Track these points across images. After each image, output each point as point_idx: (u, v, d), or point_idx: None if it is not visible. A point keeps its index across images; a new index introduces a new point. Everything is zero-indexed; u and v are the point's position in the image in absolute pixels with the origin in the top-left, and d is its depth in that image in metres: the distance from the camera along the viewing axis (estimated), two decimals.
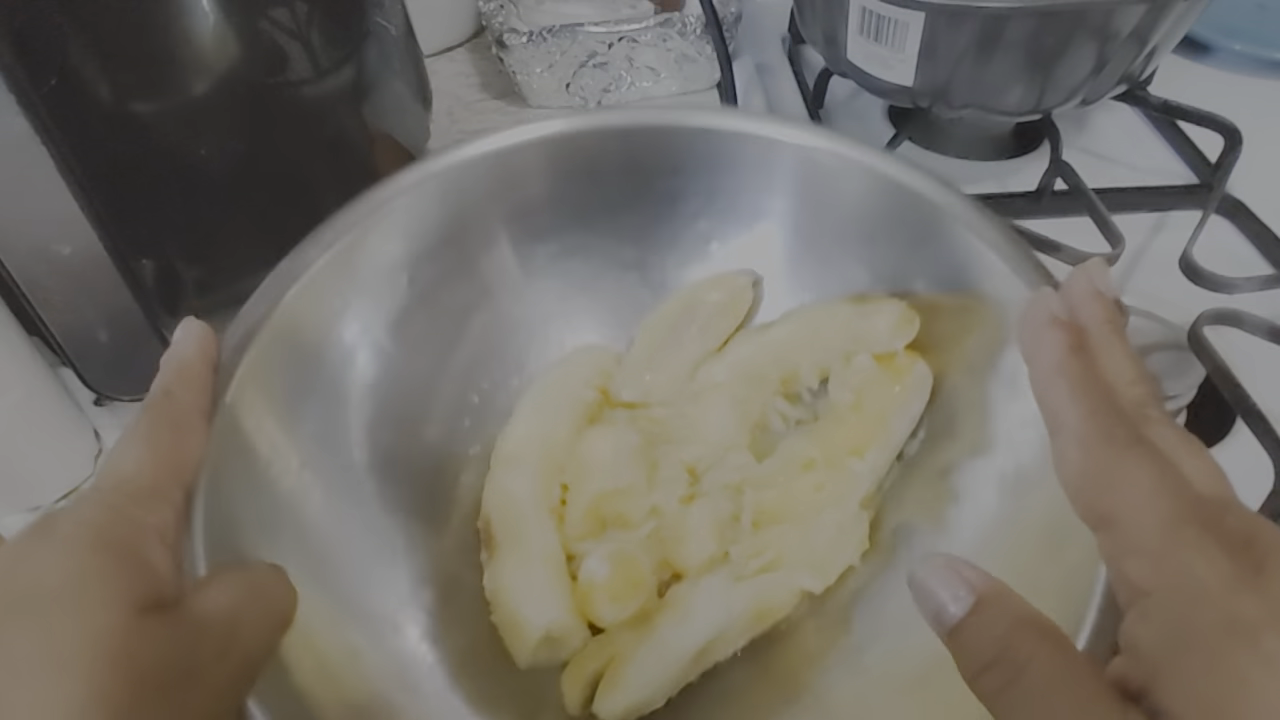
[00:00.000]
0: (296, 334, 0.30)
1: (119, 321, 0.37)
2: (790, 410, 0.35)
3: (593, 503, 0.32)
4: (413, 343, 0.33)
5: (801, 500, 0.31)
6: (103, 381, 0.38)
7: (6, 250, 0.33)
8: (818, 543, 0.30)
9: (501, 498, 0.33)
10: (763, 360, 0.35)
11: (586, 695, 0.29)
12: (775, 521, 0.32)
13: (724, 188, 0.35)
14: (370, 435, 0.32)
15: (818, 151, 0.33)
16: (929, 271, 0.32)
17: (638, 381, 0.36)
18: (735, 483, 0.33)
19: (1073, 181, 0.48)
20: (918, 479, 0.32)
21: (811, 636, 0.30)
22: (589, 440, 0.34)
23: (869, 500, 0.32)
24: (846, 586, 0.30)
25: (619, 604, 0.30)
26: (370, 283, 0.32)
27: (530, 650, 0.29)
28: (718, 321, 0.36)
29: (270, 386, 0.28)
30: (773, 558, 0.31)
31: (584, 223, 0.36)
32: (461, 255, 0.35)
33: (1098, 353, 0.22)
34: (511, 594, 0.31)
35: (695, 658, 0.29)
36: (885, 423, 0.32)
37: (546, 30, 0.58)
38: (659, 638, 0.29)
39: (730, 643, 0.30)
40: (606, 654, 0.29)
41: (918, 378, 0.32)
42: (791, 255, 0.36)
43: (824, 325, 0.34)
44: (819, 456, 0.32)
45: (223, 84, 0.38)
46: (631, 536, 0.32)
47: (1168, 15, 0.43)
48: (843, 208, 0.34)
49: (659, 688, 0.29)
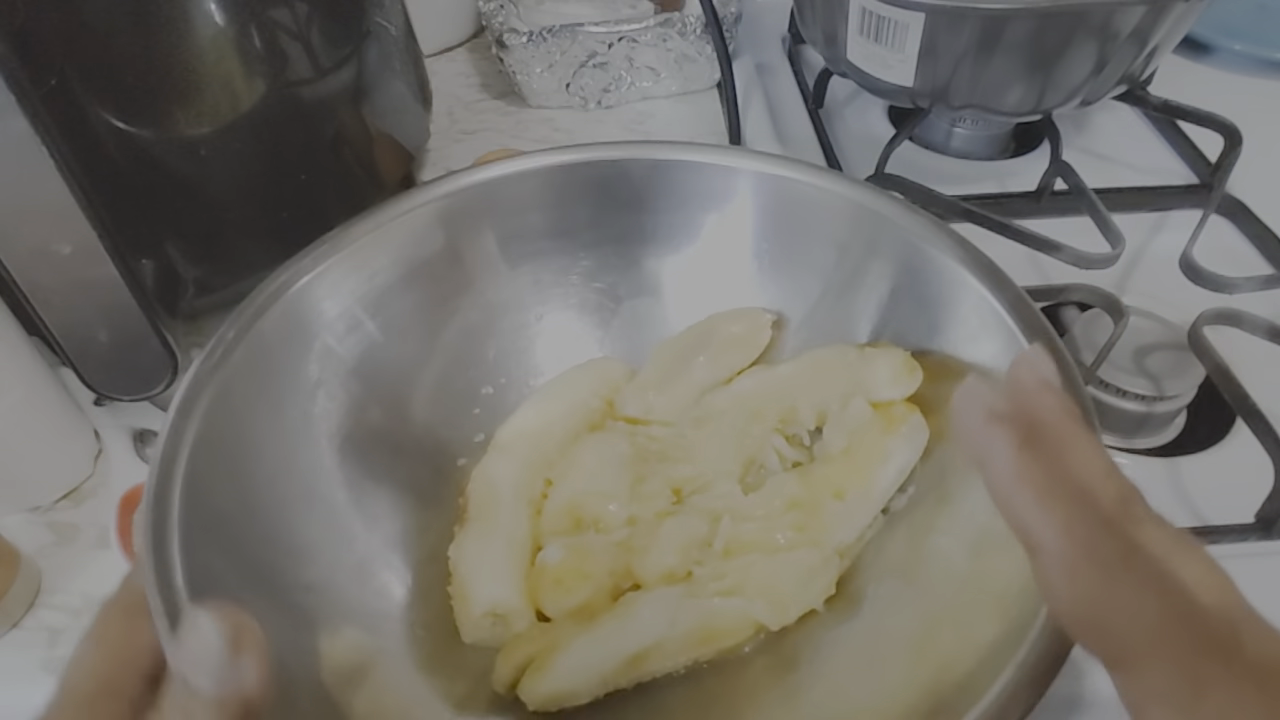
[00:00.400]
0: (288, 327, 0.31)
1: (119, 321, 0.37)
2: (788, 450, 0.34)
3: (571, 501, 0.33)
4: (411, 334, 0.35)
5: (778, 537, 0.31)
6: (103, 381, 0.38)
7: (6, 250, 0.33)
8: (783, 579, 0.30)
9: (485, 478, 0.34)
10: (764, 396, 0.35)
11: (516, 677, 0.29)
12: (747, 552, 0.31)
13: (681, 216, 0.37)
14: (357, 414, 0.33)
15: (769, 178, 0.36)
16: (890, 283, 0.34)
17: (642, 399, 0.36)
18: (716, 509, 0.33)
19: (1073, 181, 0.48)
20: (899, 534, 0.31)
21: (759, 674, 0.29)
22: (581, 443, 0.35)
23: (846, 549, 0.31)
24: (804, 629, 0.30)
25: (564, 591, 0.31)
26: (368, 290, 0.34)
27: (473, 624, 0.30)
28: (729, 353, 0.36)
29: (261, 371, 0.30)
30: (733, 584, 0.30)
31: (567, 245, 0.38)
32: (462, 272, 0.37)
33: (1061, 450, 0.19)
34: (467, 567, 0.31)
35: (629, 661, 0.29)
36: (871, 470, 0.31)
37: (546, 30, 0.58)
38: (596, 634, 0.29)
39: (669, 656, 0.29)
40: (545, 641, 0.30)
41: (912, 431, 0.32)
42: (749, 275, 0.38)
43: (827, 367, 0.34)
44: (804, 498, 0.32)
45: (223, 84, 0.38)
46: (601, 540, 0.32)
47: (1168, 15, 0.43)
48: (797, 228, 0.36)
49: (585, 682, 0.28)
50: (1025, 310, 0.29)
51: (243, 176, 0.41)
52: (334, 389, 0.32)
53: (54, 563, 0.38)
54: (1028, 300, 0.29)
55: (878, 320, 0.35)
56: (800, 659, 0.29)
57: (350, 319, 0.33)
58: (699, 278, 0.38)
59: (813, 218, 0.36)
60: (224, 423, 0.28)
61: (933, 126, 0.57)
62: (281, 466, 0.30)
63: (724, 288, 0.38)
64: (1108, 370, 0.39)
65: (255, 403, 0.29)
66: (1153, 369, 0.40)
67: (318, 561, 0.29)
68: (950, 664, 0.24)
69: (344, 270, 0.33)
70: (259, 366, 0.30)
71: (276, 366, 0.31)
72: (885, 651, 0.27)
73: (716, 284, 0.38)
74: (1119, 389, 0.39)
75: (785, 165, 0.36)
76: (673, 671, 0.29)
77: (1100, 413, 0.40)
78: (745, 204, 0.37)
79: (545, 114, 0.63)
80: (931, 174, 0.52)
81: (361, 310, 0.33)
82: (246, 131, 0.40)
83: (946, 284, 0.31)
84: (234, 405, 0.28)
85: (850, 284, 0.35)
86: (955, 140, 0.56)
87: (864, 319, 0.35)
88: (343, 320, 0.33)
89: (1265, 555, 0.35)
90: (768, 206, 0.36)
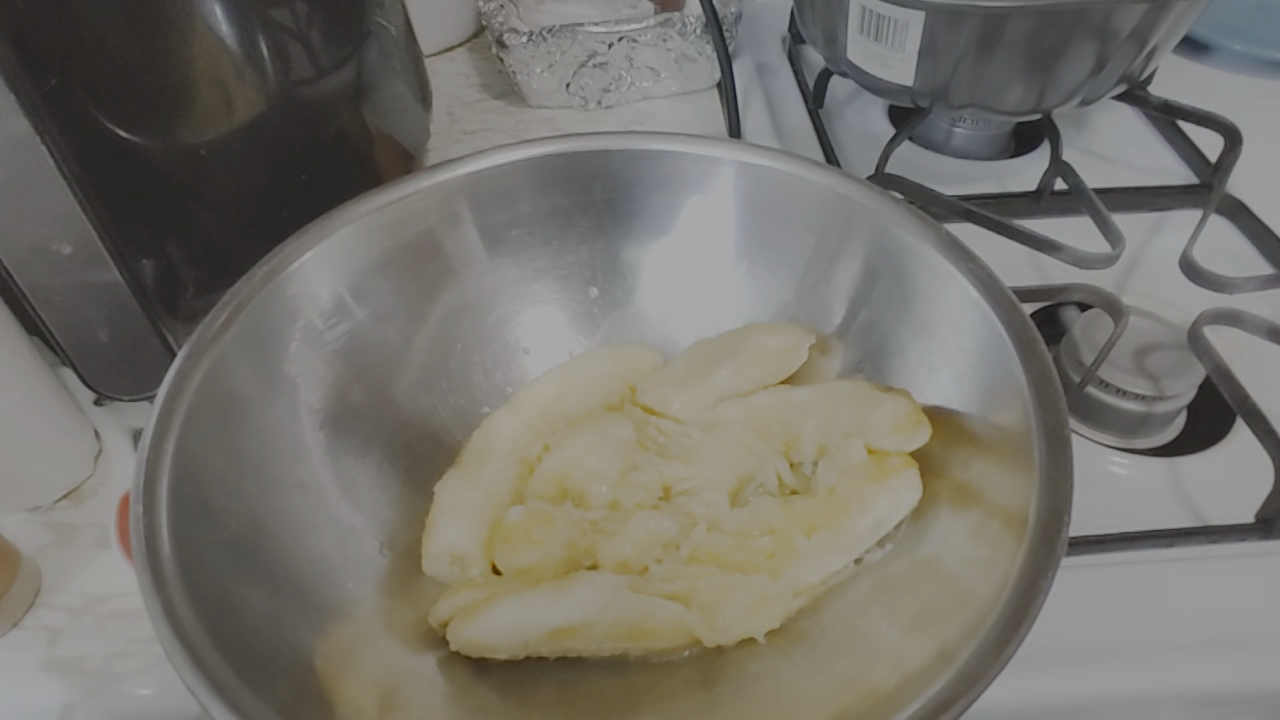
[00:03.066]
0: (275, 312, 0.32)
1: (119, 321, 0.37)
2: (788, 476, 0.34)
3: (559, 470, 0.34)
4: (397, 319, 0.37)
5: (744, 559, 0.31)
6: (103, 381, 0.38)
7: (6, 250, 0.33)
8: (732, 600, 0.30)
9: (487, 430, 0.36)
10: (775, 416, 0.35)
11: (450, 617, 0.30)
12: (709, 564, 0.31)
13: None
14: (340, 393, 0.34)
15: (744, 166, 0.37)
16: (864, 266, 0.35)
17: (661, 392, 0.37)
18: (697, 515, 0.33)
19: (1073, 181, 0.48)
20: (864, 587, 0.30)
21: (681, 683, 0.29)
22: (590, 419, 0.36)
23: (806, 589, 0.30)
24: (738, 653, 0.30)
25: (510, 550, 0.32)
26: (352, 276, 0.35)
27: (430, 557, 0.32)
28: (756, 366, 0.36)
29: (249, 353, 0.31)
30: (679, 590, 0.30)
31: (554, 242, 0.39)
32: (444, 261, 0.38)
33: None
34: (441, 506, 0.33)
35: (553, 633, 0.29)
36: (846, 515, 0.31)
37: (546, 30, 0.58)
38: (529, 599, 0.30)
39: (594, 640, 0.30)
40: (485, 592, 0.31)
41: (900, 485, 0.31)
42: (729, 261, 0.38)
43: (839, 401, 0.34)
44: (781, 527, 0.32)
45: (223, 84, 0.38)
46: (574, 514, 0.33)
47: (1168, 15, 0.43)
48: (773, 215, 0.37)
49: (506, 640, 0.29)
50: (993, 286, 0.31)
51: (243, 176, 0.41)
52: (320, 369, 0.33)
53: (54, 563, 0.38)
54: (996, 277, 0.31)
55: (853, 303, 0.36)
56: (723, 678, 0.29)
57: (337, 304, 0.34)
58: (679, 266, 0.39)
59: (791, 205, 0.36)
60: (213, 402, 0.29)
61: (933, 126, 0.56)
62: (269, 439, 0.31)
63: (704, 276, 0.38)
64: (1108, 370, 0.39)
65: (244, 382, 0.31)
66: (1153, 369, 0.40)
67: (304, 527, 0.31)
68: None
69: (330, 257, 0.34)
70: (247, 349, 0.31)
71: (264, 349, 0.32)
72: (797, 701, 0.27)
73: (697, 272, 0.39)
74: (1119, 389, 0.39)
75: (762, 154, 0.37)
76: (598, 655, 0.30)
77: (1100, 413, 0.40)
78: (725, 192, 0.37)
79: (545, 114, 0.63)
80: (931, 174, 0.52)
81: (348, 295, 0.34)
82: (246, 131, 0.40)
83: (915, 262, 0.33)
84: (223, 385, 0.30)
85: (828, 270, 0.36)
86: (955, 140, 0.56)
87: (840, 301, 0.36)
88: (330, 304, 0.34)
89: (1265, 555, 0.35)
90: (747, 194, 0.37)
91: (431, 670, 0.30)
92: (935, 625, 0.26)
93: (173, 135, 0.38)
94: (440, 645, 0.30)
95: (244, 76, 0.39)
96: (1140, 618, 0.34)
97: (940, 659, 0.24)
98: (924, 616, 0.27)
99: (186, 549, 0.25)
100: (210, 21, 0.36)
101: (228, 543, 0.27)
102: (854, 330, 0.36)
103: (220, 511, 0.28)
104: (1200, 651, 0.33)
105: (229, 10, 0.37)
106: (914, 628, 0.27)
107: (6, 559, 0.35)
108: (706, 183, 0.37)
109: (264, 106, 0.40)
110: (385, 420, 0.35)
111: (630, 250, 0.39)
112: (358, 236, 0.35)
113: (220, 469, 0.29)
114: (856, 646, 0.28)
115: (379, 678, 0.28)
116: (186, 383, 0.29)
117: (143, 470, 0.26)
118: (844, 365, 0.36)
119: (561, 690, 0.29)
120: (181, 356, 0.29)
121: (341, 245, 0.34)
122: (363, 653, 0.28)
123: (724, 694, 0.28)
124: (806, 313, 0.37)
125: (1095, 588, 0.34)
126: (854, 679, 0.26)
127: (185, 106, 0.38)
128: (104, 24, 0.34)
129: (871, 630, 0.28)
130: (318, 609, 0.29)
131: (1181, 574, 0.35)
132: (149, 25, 0.35)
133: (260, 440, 0.31)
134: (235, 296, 0.31)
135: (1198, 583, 0.35)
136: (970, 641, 0.23)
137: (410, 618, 0.31)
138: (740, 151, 0.37)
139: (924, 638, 0.26)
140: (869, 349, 0.36)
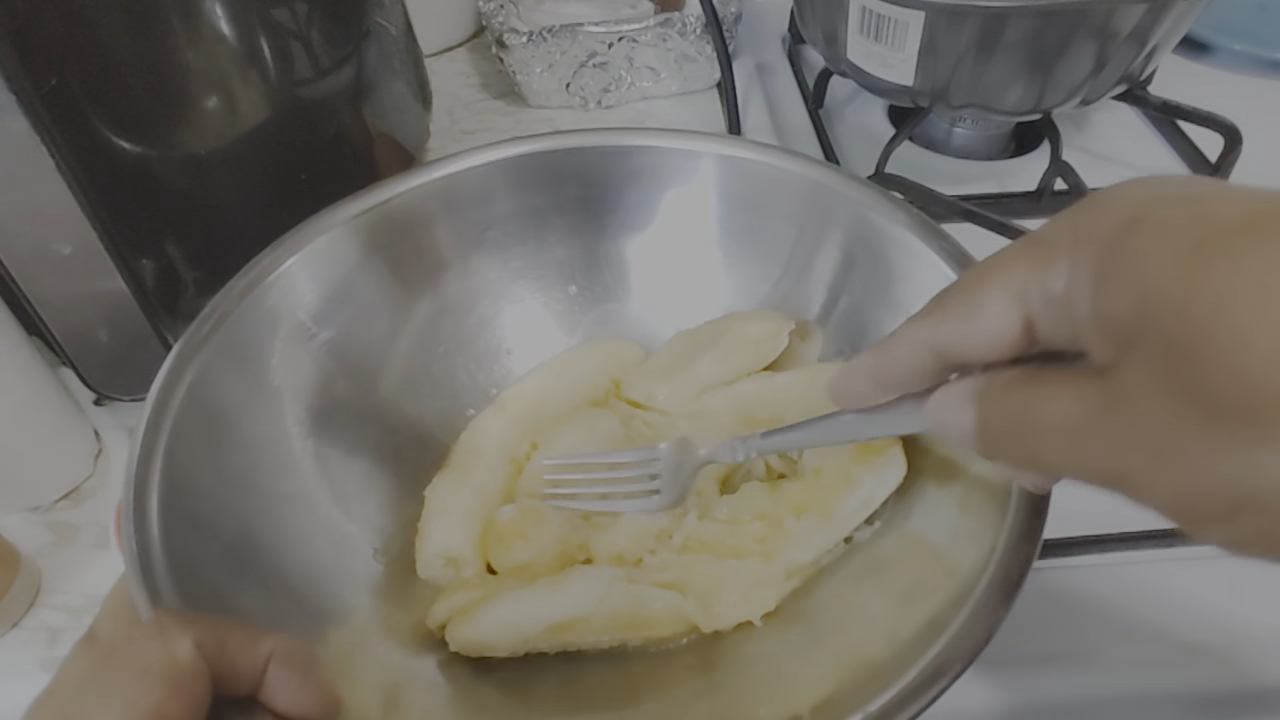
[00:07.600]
0: (264, 312, 0.33)
1: (119, 321, 0.37)
2: (776, 461, 0.34)
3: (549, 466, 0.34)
4: (381, 320, 0.37)
5: (737, 544, 0.31)
6: (103, 381, 0.38)
7: (6, 250, 0.34)
8: (727, 585, 0.30)
9: (474, 431, 0.36)
10: (758, 402, 0.35)
11: (448, 618, 0.30)
12: (703, 551, 0.32)
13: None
14: (328, 389, 0.34)
15: (716, 158, 0.37)
16: (843, 251, 0.36)
17: (645, 384, 0.37)
18: (687, 504, 0.33)
19: (1073, 181, 0.48)
20: (855, 565, 0.31)
21: (679, 670, 0.30)
22: (576, 414, 0.36)
23: (799, 569, 0.31)
24: (736, 637, 0.30)
25: (505, 549, 0.32)
26: (338, 277, 0.35)
27: (425, 561, 0.32)
28: (739, 354, 0.36)
29: (238, 354, 0.31)
30: (675, 579, 0.31)
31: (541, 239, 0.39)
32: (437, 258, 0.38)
33: None
34: (433, 509, 0.33)
35: (551, 628, 0.29)
36: (834, 495, 0.31)
37: (546, 30, 0.58)
38: (526, 596, 0.30)
39: (593, 632, 0.30)
40: (482, 591, 0.31)
41: (886, 464, 0.31)
42: (712, 250, 0.39)
43: (822, 384, 0.34)
44: (771, 511, 0.32)
45: (223, 84, 0.38)
46: (566, 510, 0.33)
47: (1168, 15, 0.43)
48: (748, 205, 0.38)
49: (505, 638, 0.29)
50: (967, 263, 0.31)
51: (243, 176, 0.41)
52: (303, 379, 0.33)
53: (54, 563, 0.38)
54: (969, 255, 0.31)
55: (832, 288, 0.36)
56: (722, 662, 0.29)
57: (317, 312, 0.34)
58: (658, 260, 0.39)
59: (767, 195, 0.37)
60: (199, 416, 0.29)
61: (933, 126, 0.57)
62: (255, 451, 0.31)
63: (684, 269, 0.39)
64: None
65: (228, 395, 0.31)
66: None
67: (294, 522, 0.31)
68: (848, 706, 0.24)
69: (308, 266, 0.34)
70: (230, 361, 0.31)
71: (246, 361, 0.32)
72: (795, 679, 0.27)
73: (676, 265, 0.39)
74: None
75: (733, 144, 0.37)
76: (597, 647, 0.30)
77: None
78: (706, 185, 0.38)
79: (545, 114, 0.63)
80: (931, 174, 0.52)
81: (328, 304, 0.34)
82: (246, 131, 0.40)
83: (890, 244, 0.34)
84: (207, 398, 0.30)
85: (806, 258, 0.37)
86: (955, 140, 0.56)
87: (819, 288, 0.37)
88: (310, 314, 0.34)
89: None
90: (721, 186, 0.38)
91: (432, 672, 0.30)
92: (926, 597, 0.26)
93: (172, 135, 0.38)
94: (440, 647, 0.30)
95: (244, 77, 0.39)
96: (1139, 618, 0.34)
97: (932, 629, 0.24)
98: (915, 589, 0.27)
99: (180, 562, 0.25)
100: (210, 21, 0.36)
101: (221, 555, 0.27)
102: (835, 315, 0.36)
103: (211, 525, 0.28)
104: (1200, 651, 0.33)
105: (229, 10, 0.37)
106: (905, 601, 0.27)
107: (6, 559, 0.35)
108: (680, 176, 0.38)
109: (264, 106, 0.40)
110: (371, 427, 0.35)
111: (607, 246, 0.39)
112: (335, 244, 0.34)
113: (209, 483, 0.28)
114: (850, 623, 0.28)
115: (380, 682, 0.28)
116: (170, 398, 0.28)
117: (132, 486, 0.26)
118: (825, 349, 0.37)
119: (563, 684, 0.30)
120: (165, 371, 0.29)
121: (319, 254, 0.34)
122: (363, 659, 0.28)
123: (724, 677, 0.29)
124: (787, 301, 0.37)
125: (1094, 588, 0.34)
126: (849, 654, 0.26)
127: (185, 106, 0.38)
128: (104, 24, 0.34)
129: (864, 606, 0.29)
130: (315, 617, 0.29)
131: (1181, 574, 0.35)
132: (149, 25, 0.35)
133: (247, 453, 0.30)
134: (215, 309, 0.31)
135: (1197, 583, 0.35)
136: (961, 610, 0.24)
137: (408, 621, 0.31)
138: (711, 144, 0.37)
139: (915, 609, 0.26)
140: (849, 332, 0.36)
